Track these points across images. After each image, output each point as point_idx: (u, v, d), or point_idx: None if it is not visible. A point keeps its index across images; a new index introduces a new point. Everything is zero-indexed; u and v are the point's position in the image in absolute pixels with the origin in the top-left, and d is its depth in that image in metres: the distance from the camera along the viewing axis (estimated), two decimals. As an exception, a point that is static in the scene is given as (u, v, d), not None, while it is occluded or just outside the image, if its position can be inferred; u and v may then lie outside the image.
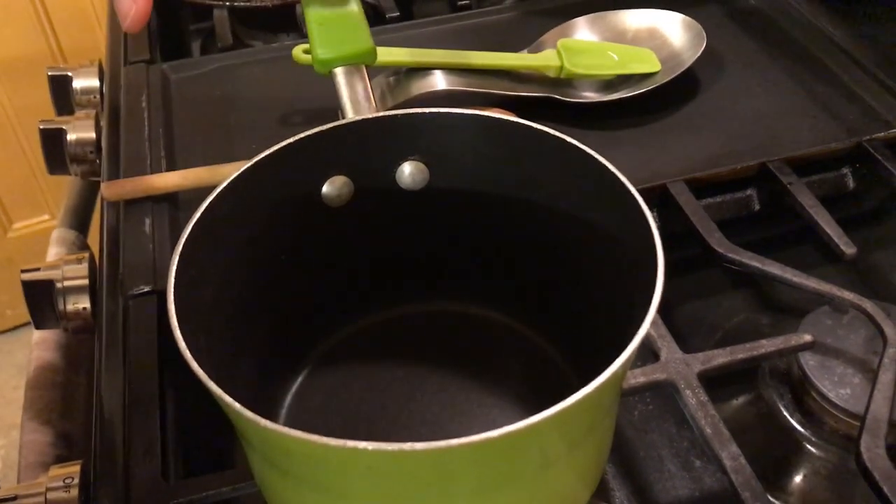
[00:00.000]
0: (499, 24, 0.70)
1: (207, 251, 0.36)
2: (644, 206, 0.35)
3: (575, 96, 0.61)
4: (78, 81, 0.71)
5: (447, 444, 0.27)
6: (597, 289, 0.41)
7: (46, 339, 0.59)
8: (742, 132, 0.58)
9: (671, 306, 0.52)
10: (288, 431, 0.28)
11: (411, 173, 0.42)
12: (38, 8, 1.29)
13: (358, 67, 0.47)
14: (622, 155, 0.44)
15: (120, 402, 0.44)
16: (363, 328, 0.46)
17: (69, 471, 0.42)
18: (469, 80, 0.59)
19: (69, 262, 0.54)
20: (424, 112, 0.40)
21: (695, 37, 0.62)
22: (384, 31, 0.69)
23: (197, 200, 0.36)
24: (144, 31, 0.72)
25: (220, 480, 0.39)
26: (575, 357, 0.44)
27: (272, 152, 0.38)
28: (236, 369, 0.38)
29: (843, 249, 0.49)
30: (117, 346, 0.47)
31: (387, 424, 0.42)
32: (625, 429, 0.46)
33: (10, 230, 1.47)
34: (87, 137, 0.65)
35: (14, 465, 0.52)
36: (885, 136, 0.56)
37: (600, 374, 0.29)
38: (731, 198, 0.56)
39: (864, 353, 0.44)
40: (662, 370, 0.43)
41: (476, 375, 0.44)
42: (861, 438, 0.39)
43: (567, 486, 0.36)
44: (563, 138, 0.38)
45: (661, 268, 0.32)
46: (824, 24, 0.67)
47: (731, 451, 0.39)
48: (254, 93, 0.64)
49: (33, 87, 1.02)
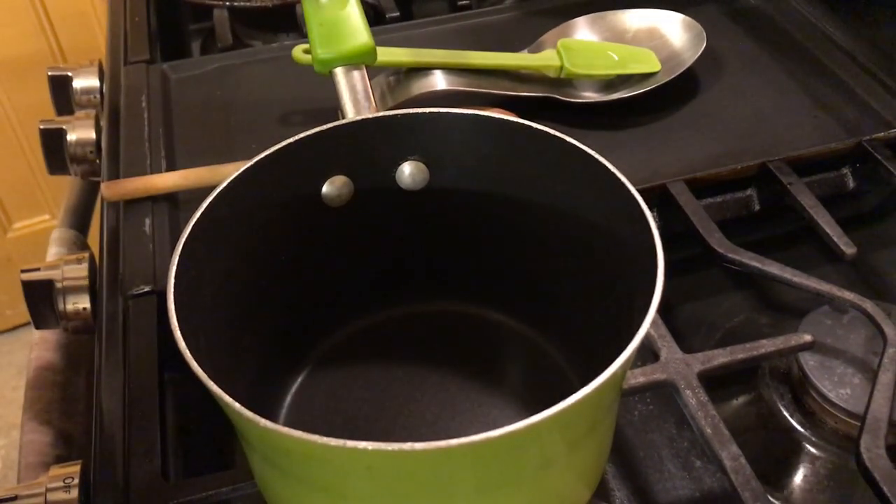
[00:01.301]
0: (499, 24, 0.70)
1: (207, 251, 0.36)
2: (644, 206, 0.35)
3: (575, 96, 0.61)
4: (78, 81, 0.71)
5: (447, 444, 0.27)
6: (597, 289, 0.41)
7: (46, 339, 0.59)
8: (742, 132, 0.58)
9: (671, 306, 0.52)
10: (288, 431, 0.28)
11: (411, 173, 0.42)
12: (38, 8, 1.29)
13: (358, 67, 0.47)
14: (622, 155, 0.44)
15: (120, 402, 0.44)
16: (363, 328, 0.46)
17: (69, 471, 0.42)
18: (469, 80, 0.59)
19: (69, 262, 0.54)
20: (424, 112, 0.40)
21: (695, 37, 0.62)
22: (384, 31, 0.69)
23: (197, 200, 0.36)
24: (144, 31, 0.72)
25: (220, 480, 0.39)
26: (575, 357, 0.44)
27: (272, 152, 0.38)
28: (236, 369, 0.38)
29: (843, 249, 0.49)
30: (117, 346, 0.47)
31: (387, 424, 0.42)
32: (625, 429, 0.46)
33: (10, 230, 1.47)
34: (87, 137, 0.65)
35: (14, 465, 0.52)
36: (885, 136, 0.56)
37: (600, 374, 0.29)
38: (731, 198, 0.56)
39: (864, 353, 0.44)
40: (662, 370, 0.43)
41: (476, 375, 0.44)
42: (861, 438, 0.39)
43: (567, 486, 0.36)
44: (563, 138, 0.38)
45: (661, 268, 0.32)
46: (824, 24, 0.67)
47: (731, 451, 0.39)
48: (254, 93, 0.64)
49: (33, 87, 1.02)
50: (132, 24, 0.73)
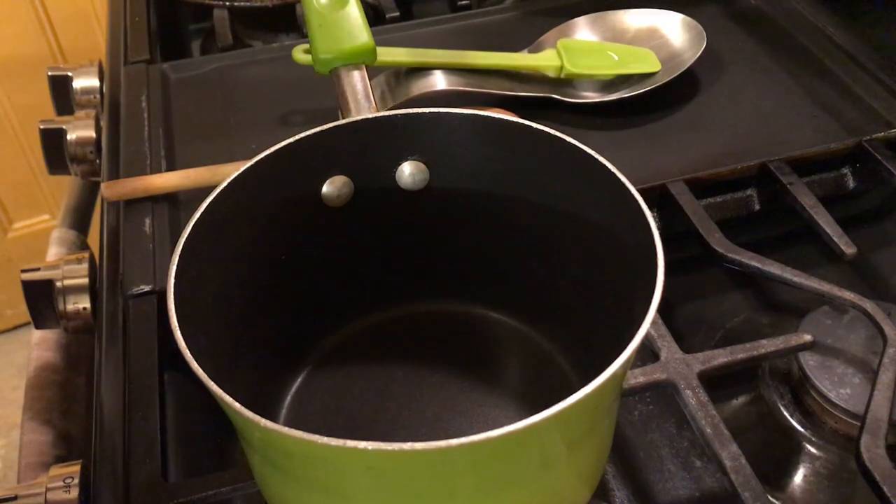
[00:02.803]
0: (499, 24, 0.70)
1: (207, 251, 0.36)
2: (644, 206, 0.35)
3: (575, 96, 0.61)
4: (78, 81, 0.71)
5: (447, 444, 0.27)
6: (597, 289, 0.41)
7: (46, 338, 0.59)
8: (742, 132, 0.58)
9: (671, 306, 0.52)
10: (288, 431, 0.28)
11: (411, 173, 0.42)
12: (38, 8, 1.29)
13: (358, 67, 0.47)
14: (622, 155, 0.44)
15: (120, 402, 0.44)
16: (363, 328, 0.46)
17: (69, 471, 0.42)
18: (469, 80, 0.59)
19: (69, 262, 0.54)
20: (424, 112, 0.40)
21: (695, 37, 0.62)
22: (384, 31, 0.69)
23: (197, 200, 0.36)
24: (144, 31, 0.72)
25: (220, 480, 0.39)
26: (575, 357, 0.44)
27: (272, 152, 0.39)
28: (236, 369, 0.38)
29: (843, 249, 0.49)
30: (117, 346, 0.47)
31: (387, 424, 0.42)
32: (625, 429, 0.46)
33: (10, 230, 1.48)
34: (87, 137, 0.65)
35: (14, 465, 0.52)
36: (885, 136, 0.56)
37: (600, 374, 0.29)
38: (731, 198, 0.56)
39: (864, 353, 0.44)
40: (662, 370, 0.43)
41: (476, 375, 0.44)
42: (861, 438, 0.39)
43: (567, 486, 0.36)
44: (563, 138, 0.38)
45: (661, 268, 0.32)
46: (824, 24, 0.67)
47: (731, 451, 0.39)
48: (254, 93, 0.64)
49: (33, 87, 1.02)
50: (132, 24, 0.73)
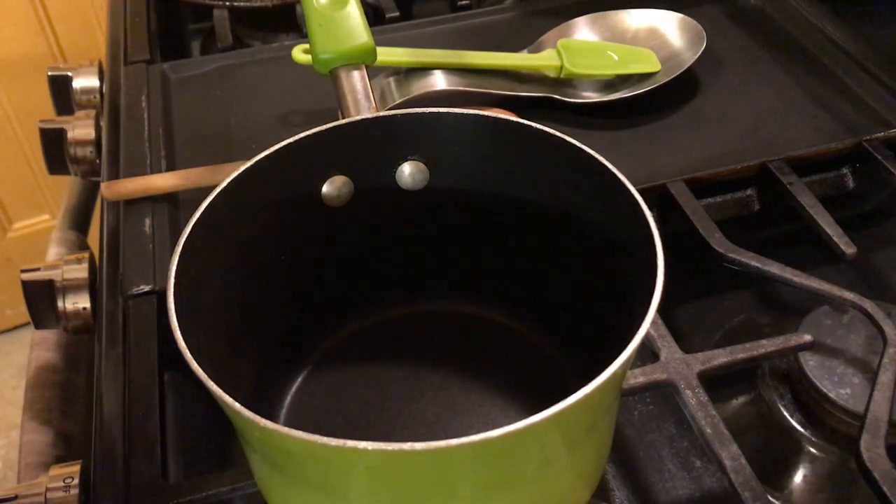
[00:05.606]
0: (499, 24, 0.70)
1: (207, 251, 0.36)
2: (644, 206, 0.35)
3: (575, 96, 0.61)
4: (78, 81, 0.71)
5: (447, 444, 0.27)
6: (597, 289, 0.41)
7: (46, 338, 0.59)
8: (742, 132, 0.58)
9: (671, 306, 0.52)
10: (288, 431, 0.28)
11: (411, 173, 0.42)
12: (38, 8, 1.29)
13: (358, 67, 0.47)
14: (622, 155, 0.44)
15: (120, 402, 0.44)
16: (363, 328, 0.46)
17: (69, 471, 0.42)
18: (469, 80, 0.59)
19: (69, 262, 0.54)
20: (424, 112, 0.40)
21: (695, 37, 0.62)
22: (384, 31, 0.69)
23: (197, 200, 0.36)
24: (144, 31, 0.72)
25: (220, 480, 0.39)
26: (575, 357, 0.44)
27: (272, 152, 0.39)
28: (236, 369, 0.38)
29: (843, 249, 0.49)
30: (117, 346, 0.47)
31: (387, 424, 0.42)
32: (625, 429, 0.46)
33: (10, 230, 1.48)
34: (87, 137, 0.65)
35: (14, 465, 0.52)
36: (885, 136, 0.56)
37: (600, 374, 0.29)
38: (731, 198, 0.56)
39: (864, 353, 0.44)
40: (662, 370, 0.43)
41: (476, 375, 0.44)
42: (861, 438, 0.39)
43: (567, 486, 0.36)
44: (563, 138, 0.38)
45: (661, 268, 0.32)
46: (824, 24, 0.67)
47: (731, 451, 0.39)
48: (254, 93, 0.64)
49: (33, 87, 1.02)
50: (132, 24, 0.73)
